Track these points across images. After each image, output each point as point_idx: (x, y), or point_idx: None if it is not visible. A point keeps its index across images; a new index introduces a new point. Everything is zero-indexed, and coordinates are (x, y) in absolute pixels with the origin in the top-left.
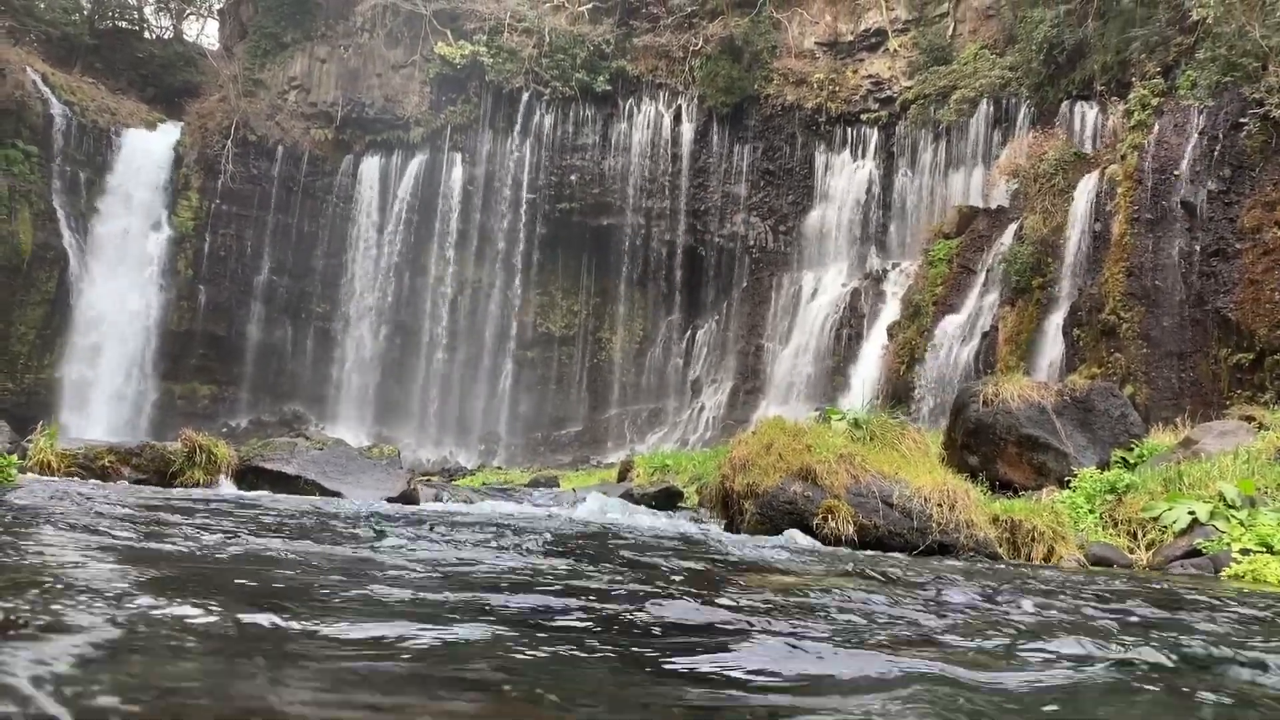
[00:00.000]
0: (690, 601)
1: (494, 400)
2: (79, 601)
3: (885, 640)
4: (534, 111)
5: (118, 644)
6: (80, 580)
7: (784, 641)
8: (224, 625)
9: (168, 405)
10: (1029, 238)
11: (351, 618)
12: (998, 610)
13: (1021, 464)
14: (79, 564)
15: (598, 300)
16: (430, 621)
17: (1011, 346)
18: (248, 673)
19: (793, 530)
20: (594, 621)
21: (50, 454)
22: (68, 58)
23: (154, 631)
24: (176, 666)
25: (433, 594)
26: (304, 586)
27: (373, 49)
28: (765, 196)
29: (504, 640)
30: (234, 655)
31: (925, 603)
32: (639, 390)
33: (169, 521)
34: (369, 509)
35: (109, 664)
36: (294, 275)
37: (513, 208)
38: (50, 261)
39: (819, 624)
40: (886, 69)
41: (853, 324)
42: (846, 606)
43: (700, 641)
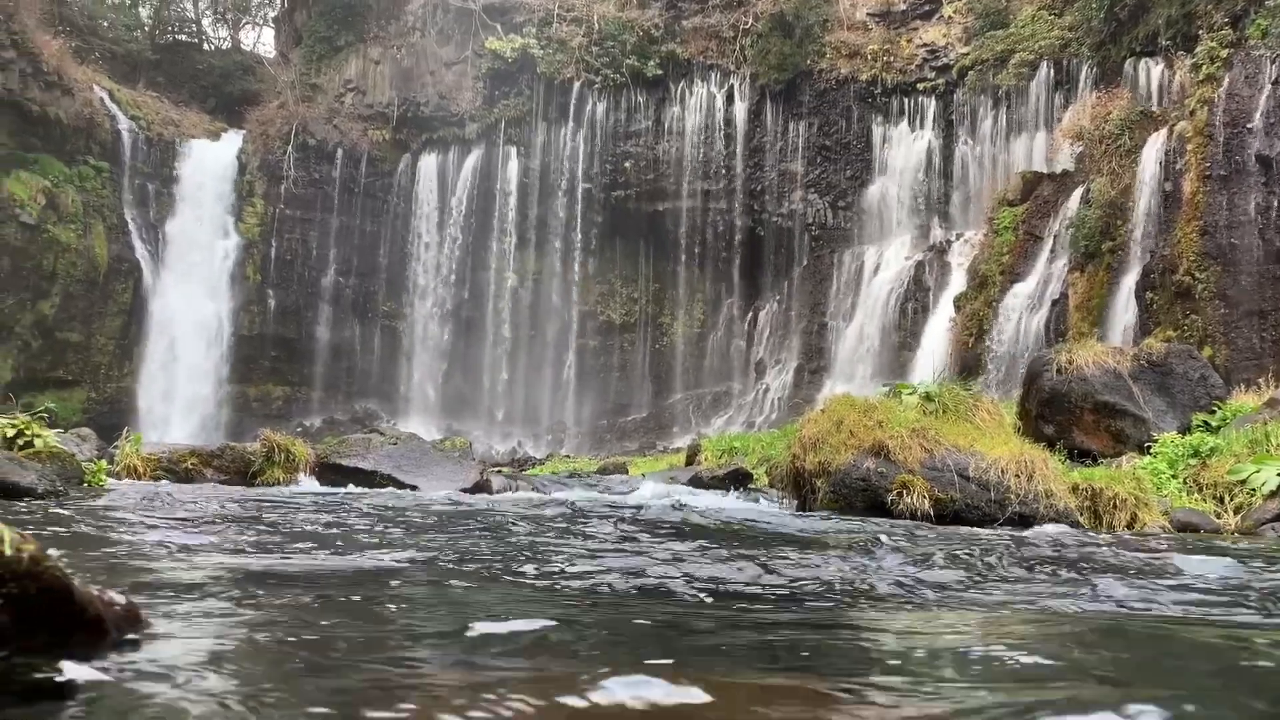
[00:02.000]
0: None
1: (559, 390)
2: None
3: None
4: (586, 100)
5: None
6: (181, 574)
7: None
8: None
9: (243, 407)
10: (1096, 201)
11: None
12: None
13: (1099, 431)
14: (184, 555)
15: (657, 286)
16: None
17: (1083, 313)
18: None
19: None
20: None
21: (136, 458)
22: (131, 74)
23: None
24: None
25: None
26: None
27: (424, 47)
28: (822, 172)
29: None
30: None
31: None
32: (702, 374)
33: (277, 515)
34: (446, 498)
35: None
36: (359, 275)
37: (569, 198)
38: (125, 273)
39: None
40: (941, 36)
41: (918, 298)
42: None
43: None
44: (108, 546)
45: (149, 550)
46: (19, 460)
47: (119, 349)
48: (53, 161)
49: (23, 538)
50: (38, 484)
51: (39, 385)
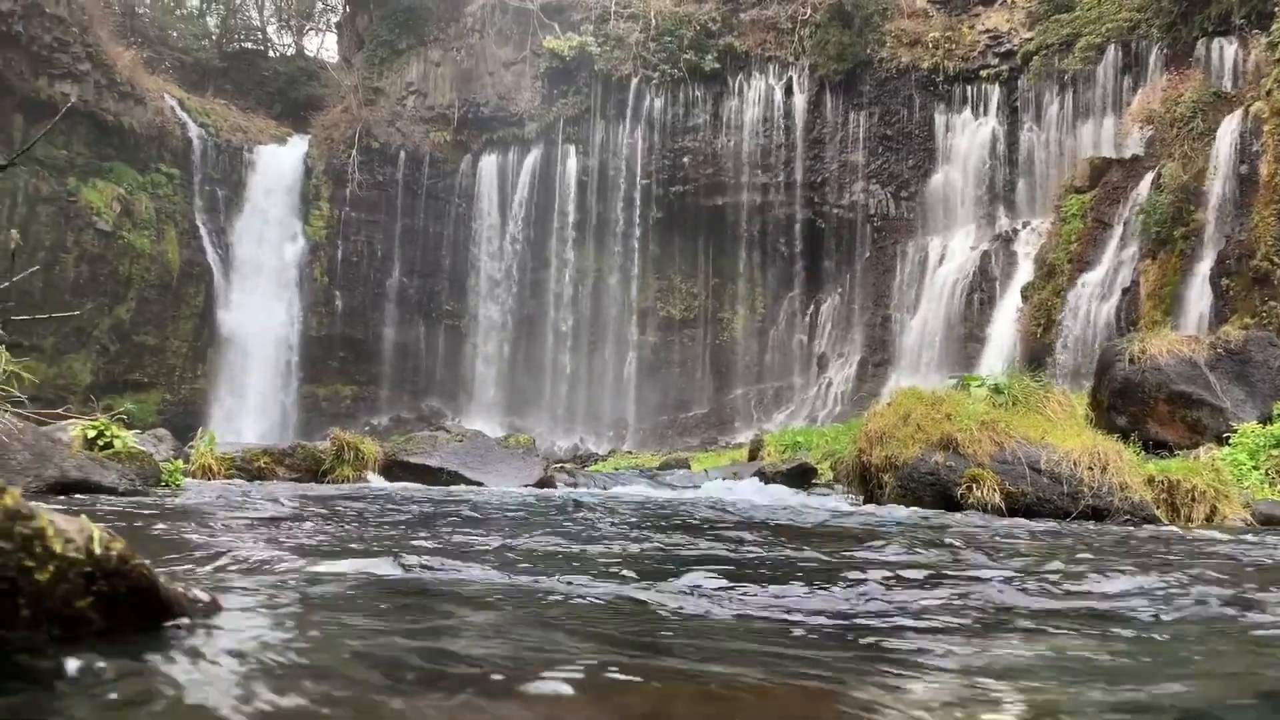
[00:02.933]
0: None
1: (620, 386)
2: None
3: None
4: (644, 96)
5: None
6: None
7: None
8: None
9: (312, 407)
10: (1168, 186)
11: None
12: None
13: (1174, 422)
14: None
15: (716, 281)
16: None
17: (1154, 301)
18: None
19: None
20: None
21: (211, 458)
22: (200, 82)
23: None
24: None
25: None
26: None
27: (483, 48)
28: (884, 163)
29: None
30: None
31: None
32: (763, 369)
33: (348, 509)
34: (512, 495)
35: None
36: (423, 275)
37: (627, 194)
38: (196, 277)
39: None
40: (1005, 21)
41: (984, 288)
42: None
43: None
44: (187, 543)
45: (225, 546)
46: (101, 460)
47: (192, 351)
48: (126, 169)
49: (111, 536)
50: (119, 483)
51: (117, 388)
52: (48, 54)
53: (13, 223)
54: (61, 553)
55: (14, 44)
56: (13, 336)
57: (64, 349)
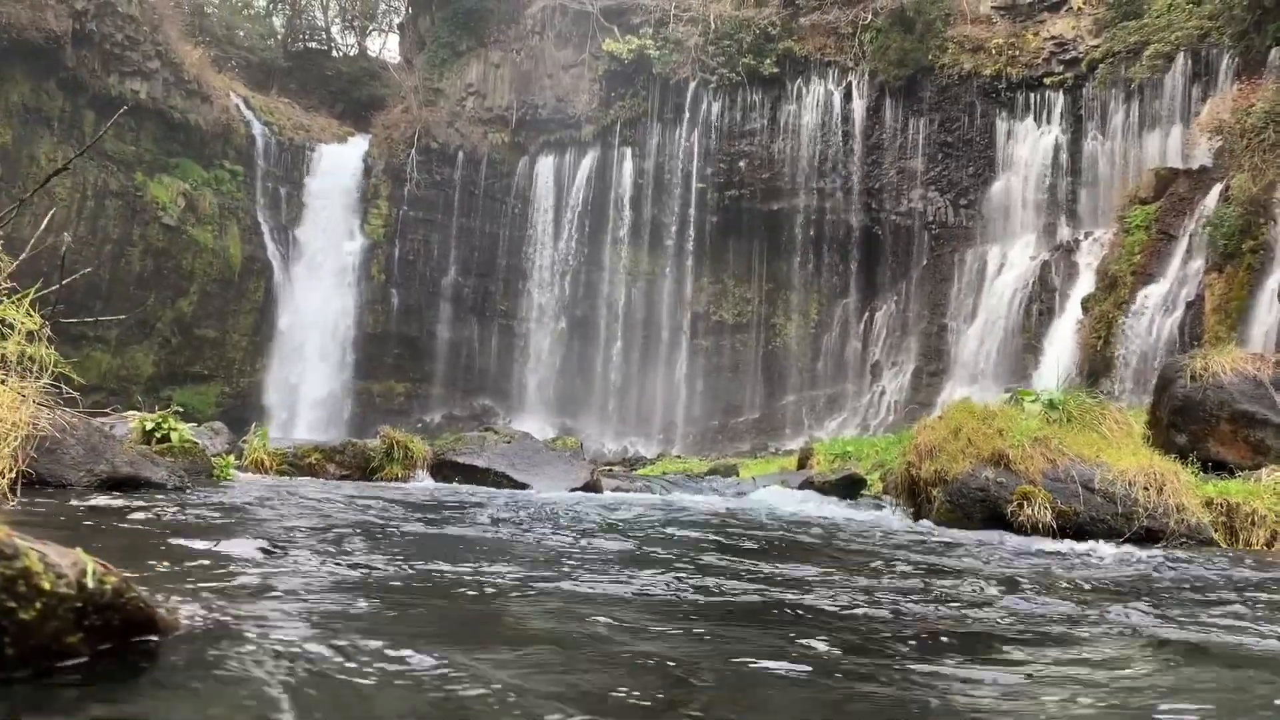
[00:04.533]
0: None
1: (670, 390)
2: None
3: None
4: (701, 100)
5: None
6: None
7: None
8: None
9: (366, 403)
10: (1236, 198)
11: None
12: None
13: (1236, 442)
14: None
15: (770, 286)
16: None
17: (1220, 316)
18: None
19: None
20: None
21: (263, 453)
22: (265, 80)
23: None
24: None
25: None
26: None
27: (543, 50)
28: (943, 170)
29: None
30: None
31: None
32: (815, 376)
33: (388, 513)
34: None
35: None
36: (478, 275)
37: (682, 198)
38: (257, 272)
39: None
40: (1070, 28)
41: (1043, 299)
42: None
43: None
44: (209, 553)
45: (248, 558)
46: (152, 456)
47: (251, 345)
48: (192, 165)
49: (105, 569)
50: (167, 479)
51: (177, 380)
52: (119, 52)
53: (82, 215)
54: (50, 589)
55: (87, 41)
56: (76, 328)
57: (127, 340)
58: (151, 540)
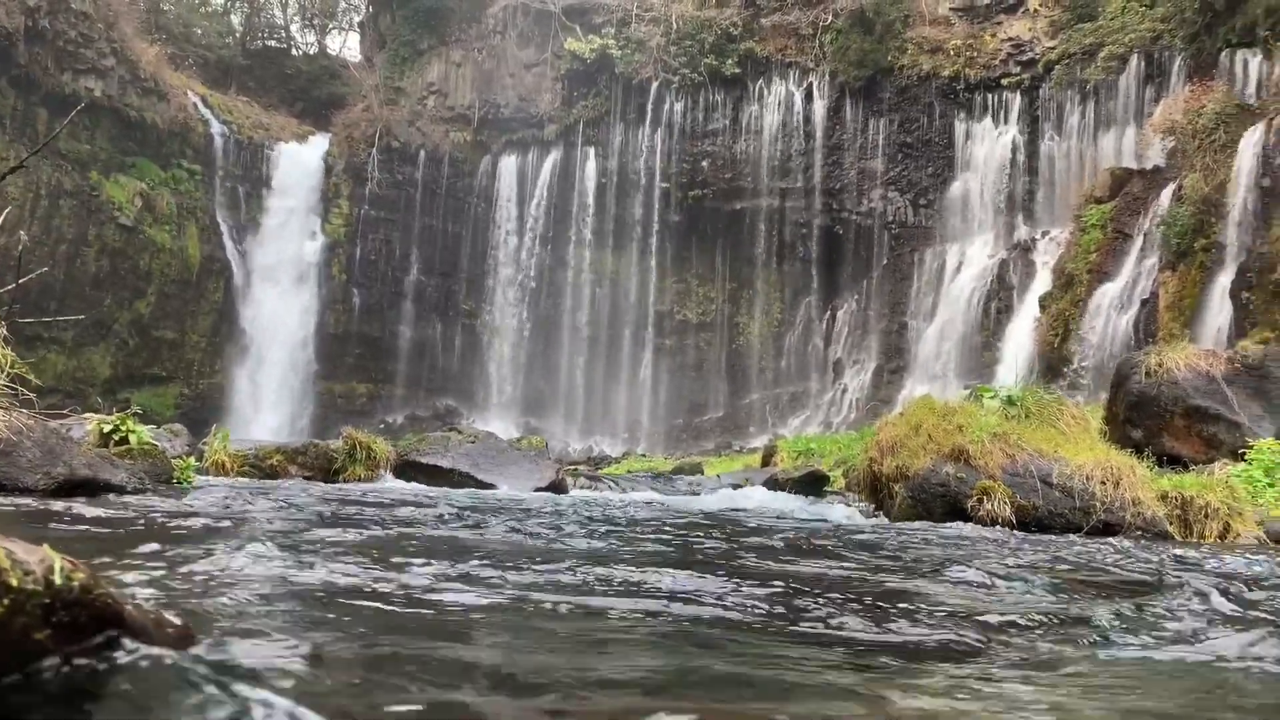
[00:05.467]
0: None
1: (635, 389)
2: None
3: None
4: (664, 100)
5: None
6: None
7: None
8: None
9: (328, 404)
10: (1189, 198)
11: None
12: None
13: (1190, 437)
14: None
15: (734, 285)
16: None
17: (1174, 313)
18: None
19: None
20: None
21: (224, 455)
22: (223, 79)
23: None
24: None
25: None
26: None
27: (505, 50)
28: (903, 170)
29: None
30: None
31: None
32: (779, 374)
33: (356, 514)
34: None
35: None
36: (441, 274)
37: (646, 197)
38: (216, 273)
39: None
40: (1027, 30)
41: (1001, 297)
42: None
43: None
44: (173, 555)
45: (212, 560)
46: (111, 458)
47: (210, 346)
48: (149, 165)
49: (73, 565)
50: (127, 482)
51: (136, 381)
52: (73, 49)
53: (35, 216)
54: (18, 586)
55: (39, 38)
56: (32, 329)
57: (83, 342)
58: (111, 542)
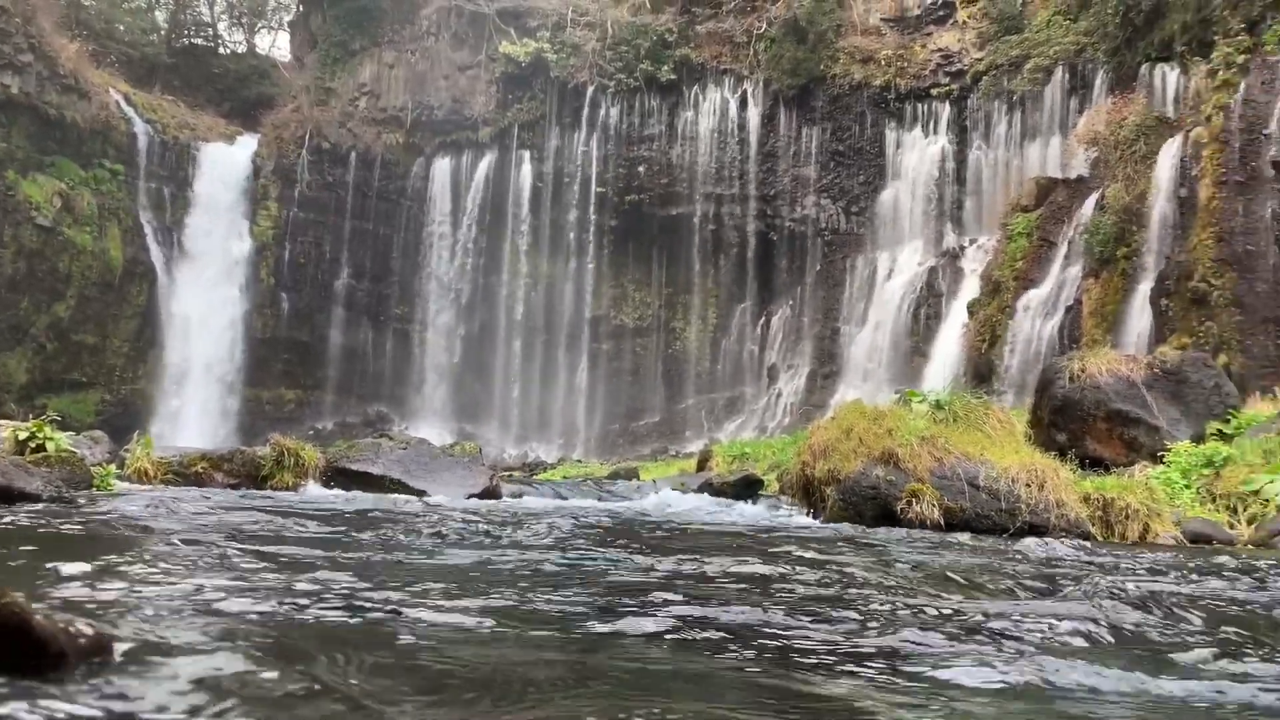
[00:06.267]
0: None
1: (571, 394)
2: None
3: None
4: (599, 105)
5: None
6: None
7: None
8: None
9: (255, 410)
10: (1111, 207)
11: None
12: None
13: (1112, 440)
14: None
15: (670, 290)
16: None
17: (1097, 320)
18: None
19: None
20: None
21: (146, 462)
22: (147, 77)
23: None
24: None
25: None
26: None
27: (438, 52)
28: (836, 178)
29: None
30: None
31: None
32: (715, 379)
33: (270, 526)
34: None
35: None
36: (372, 279)
37: (582, 202)
38: (140, 275)
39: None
40: (956, 41)
41: (931, 303)
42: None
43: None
44: (91, 561)
45: (132, 567)
46: (25, 466)
47: (133, 351)
48: (69, 164)
49: None
50: (43, 490)
51: (54, 387)
52: None
53: None
54: None
55: None
56: None
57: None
58: (23, 553)
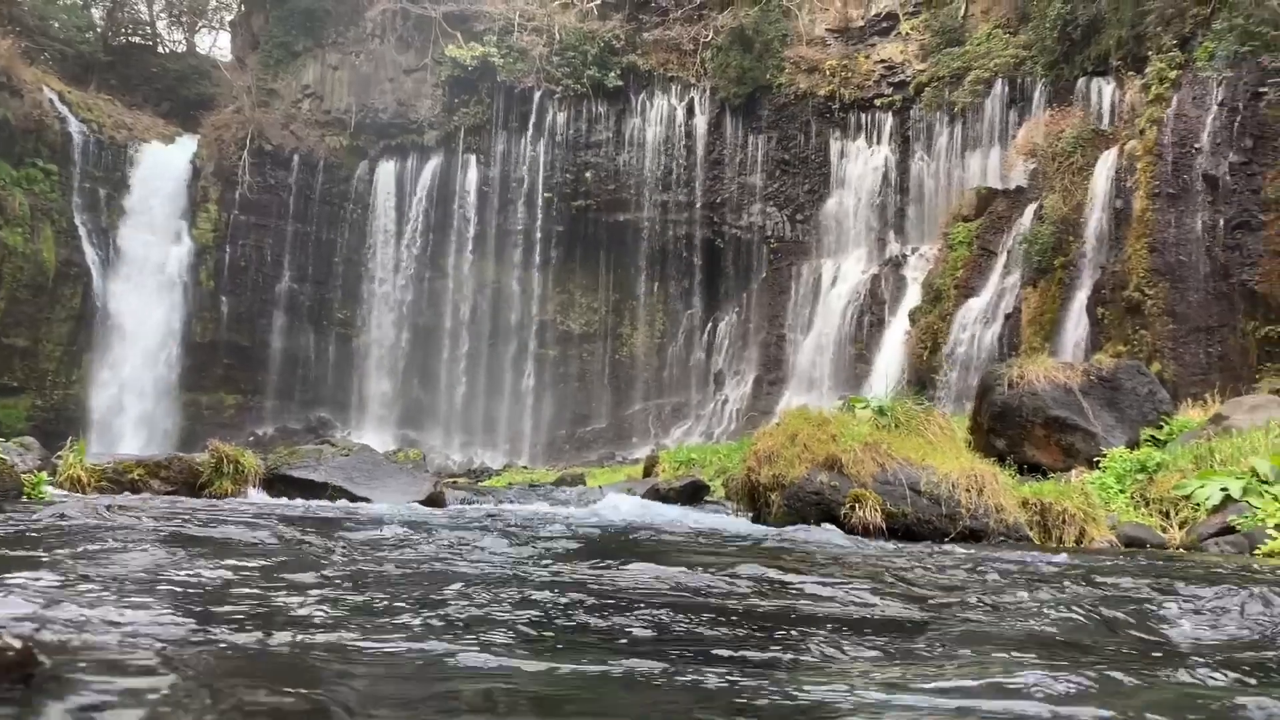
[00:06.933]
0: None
1: (517, 400)
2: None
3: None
4: (546, 110)
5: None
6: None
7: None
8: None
9: (194, 416)
10: (1049, 217)
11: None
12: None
13: (1049, 445)
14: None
15: (617, 296)
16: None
17: (1035, 328)
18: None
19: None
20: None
21: (79, 469)
22: (83, 75)
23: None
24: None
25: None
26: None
27: (384, 54)
28: (781, 186)
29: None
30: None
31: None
32: (662, 385)
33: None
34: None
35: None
36: (315, 282)
37: (529, 207)
38: (74, 278)
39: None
40: (899, 53)
41: (874, 310)
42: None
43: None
44: (20, 573)
45: (63, 579)
46: None
47: (67, 355)
48: (0, 164)
49: None
50: None
51: None
52: None
53: None
54: None
55: None
56: None
57: None
58: None
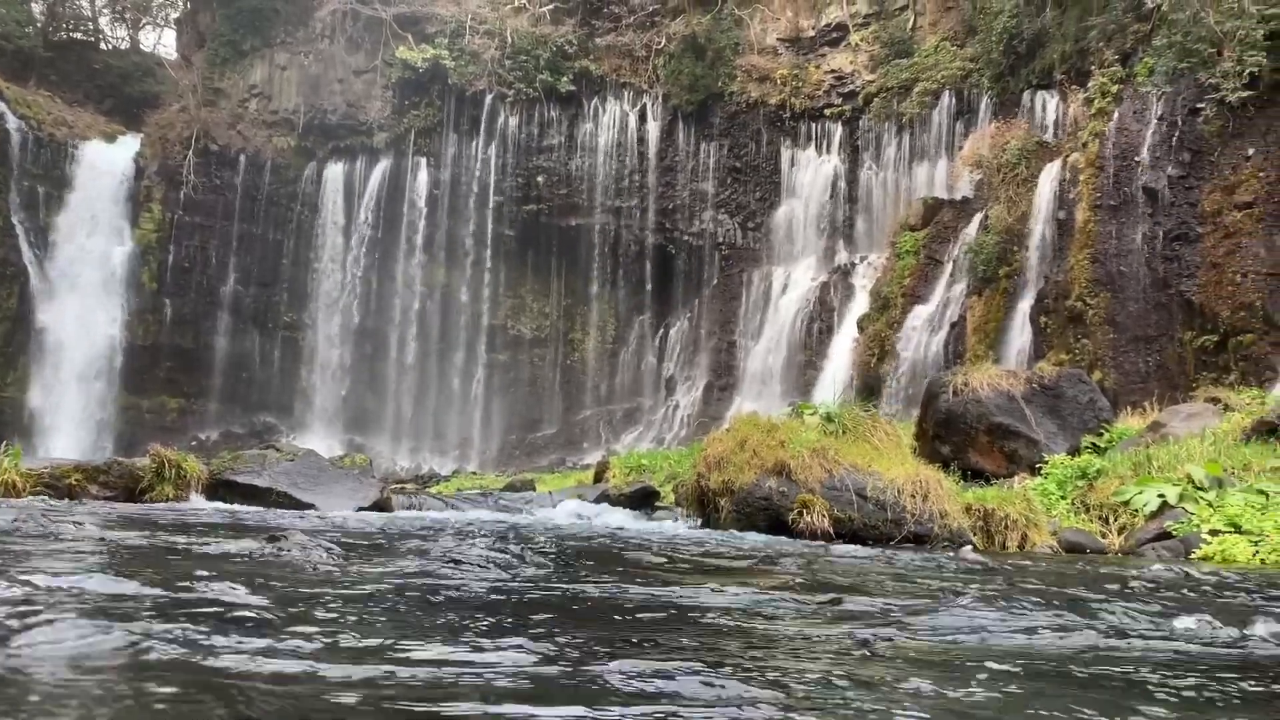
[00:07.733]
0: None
1: (467, 405)
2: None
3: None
4: (498, 113)
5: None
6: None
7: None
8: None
9: (135, 420)
10: (994, 227)
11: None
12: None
13: (993, 452)
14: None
15: (568, 301)
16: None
17: (980, 336)
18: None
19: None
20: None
21: (15, 474)
22: (22, 71)
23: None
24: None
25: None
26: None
27: (333, 55)
28: (733, 193)
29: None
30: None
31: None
32: (613, 390)
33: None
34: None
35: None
36: (260, 285)
37: (480, 211)
38: (9, 278)
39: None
40: (849, 63)
41: (823, 318)
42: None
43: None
44: None
45: None
46: None
47: (3, 358)
48: None
49: None
50: None
51: None
52: None
53: None
54: None
55: None
56: None
57: None
58: None
